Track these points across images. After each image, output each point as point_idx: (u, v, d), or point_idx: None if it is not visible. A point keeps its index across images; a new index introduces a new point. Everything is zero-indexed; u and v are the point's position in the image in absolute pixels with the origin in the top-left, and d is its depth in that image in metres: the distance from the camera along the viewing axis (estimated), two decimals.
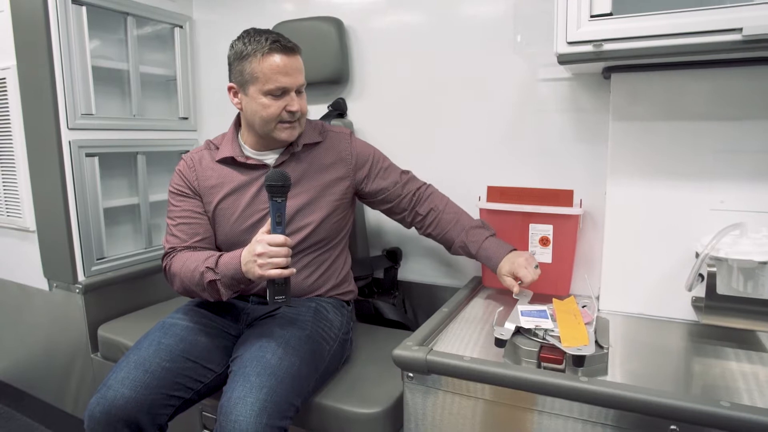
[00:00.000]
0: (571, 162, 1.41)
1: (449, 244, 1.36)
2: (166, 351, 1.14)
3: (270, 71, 1.18)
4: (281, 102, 1.20)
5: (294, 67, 1.20)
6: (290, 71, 1.19)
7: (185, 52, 1.96)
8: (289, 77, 1.19)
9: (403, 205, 1.38)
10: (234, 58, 1.22)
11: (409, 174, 1.42)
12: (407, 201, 1.38)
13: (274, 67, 1.18)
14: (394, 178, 1.38)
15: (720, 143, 1.16)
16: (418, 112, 1.62)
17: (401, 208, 1.38)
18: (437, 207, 1.37)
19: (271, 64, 1.18)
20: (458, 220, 1.35)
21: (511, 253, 1.26)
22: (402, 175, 1.40)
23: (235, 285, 1.16)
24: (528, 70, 1.43)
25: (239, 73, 1.21)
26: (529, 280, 1.20)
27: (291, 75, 1.19)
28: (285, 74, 1.18)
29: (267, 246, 1.06)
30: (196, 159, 1.33)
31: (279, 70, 1.18)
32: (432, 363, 1.00)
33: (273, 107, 1.19)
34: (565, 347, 0.93)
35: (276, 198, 1.07)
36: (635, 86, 1.21)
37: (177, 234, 1.28)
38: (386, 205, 1.39)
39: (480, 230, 1.32)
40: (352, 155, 1.36)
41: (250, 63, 1.18)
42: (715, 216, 1.18)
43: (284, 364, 1.08)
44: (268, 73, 1.18)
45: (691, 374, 0.98)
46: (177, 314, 1.26)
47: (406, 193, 1.37)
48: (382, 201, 1.39)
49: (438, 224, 1.36)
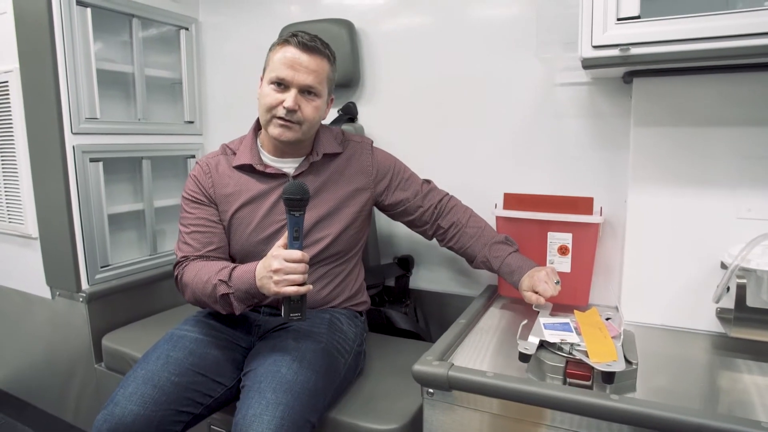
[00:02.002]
0: (590, 169, 1.38)
1: (471, 259, 1.33)
2: (175, 365, 1.10)
3: (277, 60, 1.16)
4: (281, 96, 1.16)
5: (303, 65, 1.16)
6: (296, 66, 1.15)
7: (191, 55, 1.92)
8: (291, 71, 1.15)
9: (425, 218, 1.34)
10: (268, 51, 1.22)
11: (431, 184, 1.38)
12: (429, 214, 1.34)
13: (282, 57, 1.16)
14: (415, 189, 1.35)
15: (747, 149, 1.12)
16: (431, 117, 1.58)
17: (423, 221, 1.35)
18: (460, 221, 1.33)
19: (281, 54, 1.16)
20: (481, 235, 1.31)
21: (532, 269, 1.22)
22: (423, 186, 1.36)
23: (249, 299, 1.13)
24: (545, 74, 1.40)
25: (265, 62, 1.21)
26: (548, 296, 1.16)
27: (295, 70, 1.15)
28: (289, 67, 1.15)
29: (283, 262, 1.02)
30: (213, 165, 1.29)
31: (285, 62, 1.15)
32: (454, 379, 0.96)
33: (270, 97, 1.16)
34: (594, 363, 0.90)
35: (294, 212, 1.03)
36: (658, 91, 1.18)
37: (190, 242, 1.25)
38: (407, 217, 1.36)
39: (503, 246, 1.28)
40: (373, 166, 1.32)
41: (271, 53, 1.19)
42: (742, 225, 1.14)
43: (300, 379, 1.04)
44: (276, 62, 1.16)
45: (723, 391, 0.94)
46: (185, 326, 1.22)
47: (428, 205, 1.34)
48: (402, 213, 1.35)
49: (460, 238, 1.32)
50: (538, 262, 1.33)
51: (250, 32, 1.87)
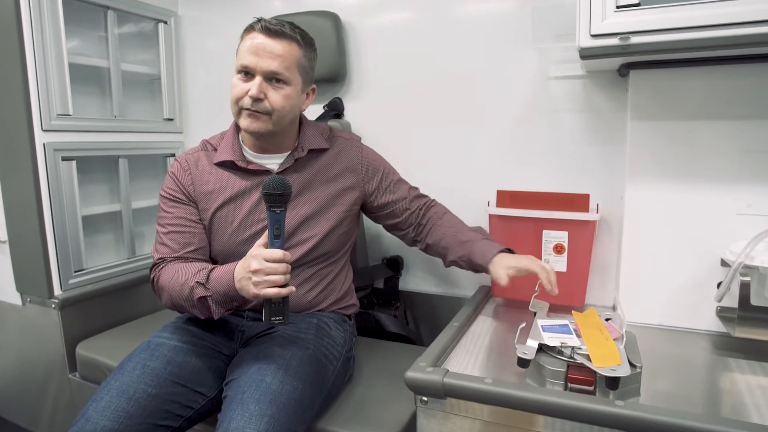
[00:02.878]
0: (585, 164, 1.34)
1: (444, 252, 1.27)
2: (152, 375, 1.03)
3: (243, 48, 1.10)
4: (247, 85, 1.10)
5: (266, 50, 1.08)
6: (260, 52, 1.08)
7: (170, 50, 1.85)
8: (254, 57, 1.08)
9: (411, 221, 1.30)
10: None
11: (417, 190, 1.34)
12: (415, 216, 1.30)
13: (247, 44, 1.10)
14: (403, 192, 1.30)
15: (748, 143, 1.09)
16: (421, 113, 1.53)
17: (408, 224, 1.31)
18: (437, 214, 1.30)
19: (246, 41, 1.10)
20: (456, 228, 1.27)
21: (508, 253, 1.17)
22: (411, 190, 1.32)
23: (228, 302, 1.06)
24: (539, 67, 1.36)
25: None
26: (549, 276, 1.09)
27: (260, 56, 1.08)
28: (254, 53, 1.08)
29: (263, 262, 0.96)
30: (192, 161, 1.22)
31: (249, 48, 1.09)
32: (449, 386, 0.91)
33: (237, 88, 1.11)
34: (597, 368, 0.85)
35: (274, 208, 0.97)
36: (655, 84, 1.15)
37: (167, 243, 1.18)
38: (393, 220, 1.31)
39: (476, 233, 1.24)
40: (363, 164, 1.27)
41: (241, 40, 1.12)
42: (742, 221, 1.11)
43: (286, 388, 0.98)
44: (242, 50, 1.11)
45: (729, 393, 0.90)
46: (164, 333, 1.15)
47: (415, 207, 1.30)
48: (389, 215, 1.30)
49: (435, 231, 1.28)
50: None
51: (232, 26, 1.77)
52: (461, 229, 1.27)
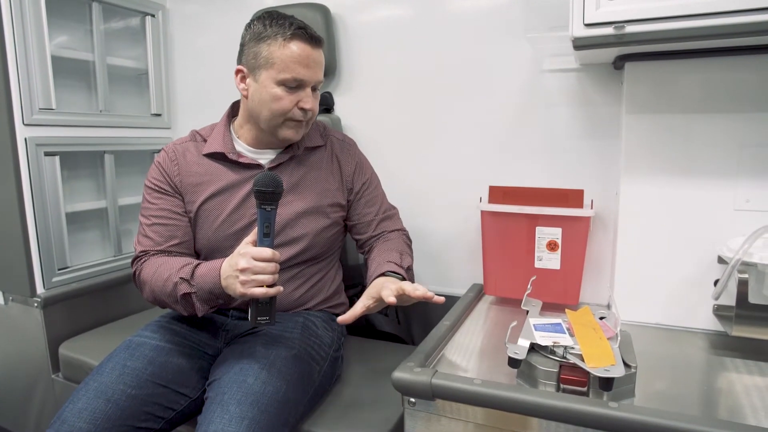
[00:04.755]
0: (579, 159, 1.31)
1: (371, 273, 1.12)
2: (132, 376, 1.00)
3: (290, 59, 1.05)
4: (294, 96, 1.07)
5: (316, 61, 1.08)
6: (311, 64, 1.07)
7: (158, 43, 1.81)
8: (308, 70, 1.06)
9: (367, 243, 1.25)
10: (250, 38, 1.09)
11: (391, 212, 1.29)
12: (374, 240, 1.24)
13: (295, 55, 1.05)
14: (378, 209, 1.26)
15: (746, 137, 1.06)
16: (412, 107, 1.50)
17: (363, 240, 1.26)
18: (387, 236, 1.24)
19: (293, 51, 1.05)
20: (391, 245, 1.18)
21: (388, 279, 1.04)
22: (386, 211, 1.27)
23: (212, 300, 1.03)
24: (532, 61, 1.32)
25: (253, 55, 1.08)
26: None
27: (311, 68, 1.07)
28: (305, 66, 1.06)
29: (251, 261, 0.93)
30: (180, 151, 1.19)
31: (299, 60, 1.05)
32: (437, 387, 0.88)
33: (285, 100, 1.07)
34: (590, 368, 0.82)
35: (265, 206, 0.94)
36: (651, 76, 1.11)
37: (151, 235, 1.14)
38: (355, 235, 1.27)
39: (394, 253, 1.13)
40: (352, 166, 1.25)
41: (269, 46, 1.05)
42: (740, 217, 1.09)
43: (269, 389, 0.95)
44: (287, 61, 1.05)
45: (726, 394, 0.87)
46: (145, 332, 1.12)
47: (376, 233, 1.24)
48: (353, 227, 1.26)
49: (375, 246, 1.21)
50: (525, 258, 1.26)
51: (221, 20, 1.77)
52: (392, 250, 1.16)
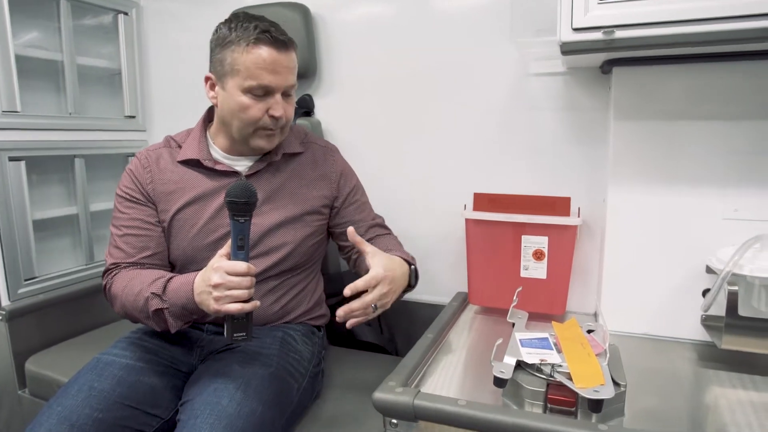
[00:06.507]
0: (566, 166, 1.28)
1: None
2: (99, 398, 0.94)
3: (254, 65, 1.00)
4: (263, 104, 1.02)
5: (284, 65, 1.02)
6: (278, 69, 1.01)
7: (131, 42, 1.74)
8: (275, 76, 1.01)
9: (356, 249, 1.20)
10: (216, 44, 1.04)
11: (379, 220, 1.26)
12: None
13: (260, 61, 1.00)
14: (364, 216, 1.22)
15: (735, 145, 1.04)
16: (395, 111, 1.45)
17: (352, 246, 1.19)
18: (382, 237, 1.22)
19: (257, 57, 1.00)
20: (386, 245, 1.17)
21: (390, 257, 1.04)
22: (374, 218, 1.25)
23: (186, 315, 0.98)
24: (518, 64, 1.29)
25: (219, 62, 1.03)
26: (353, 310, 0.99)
27: (279, 74, 1.02)
28: (272, 71, 1.01)
29: (225, 275, 0.88)
30: (153, 158, 1.13)
31: (264, 66, 1.00)
32: (420, 408, 0.84)
33: (253, 109, 1.02)
34: (579, 389, 0.79)
35: (238, 218, 0.89)
36: (640, 81, 1.09)
37: (122, 247, 1.09)
38: (341, 242, 1.23)
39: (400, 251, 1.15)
40: (336, 173, 1.20)
41: (233, 52, 1.00)
42: (729, 226, 1.06)
43: (244, 411, 0.90)
44: (252, 67, 1.00)
45: (718, 411, 0.85)
46: (115, 349, 1.06)
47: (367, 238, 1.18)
48: (341, 235, 1.20)
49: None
50: (511, 268, 1.23)
51: (198, 18, 1.70)
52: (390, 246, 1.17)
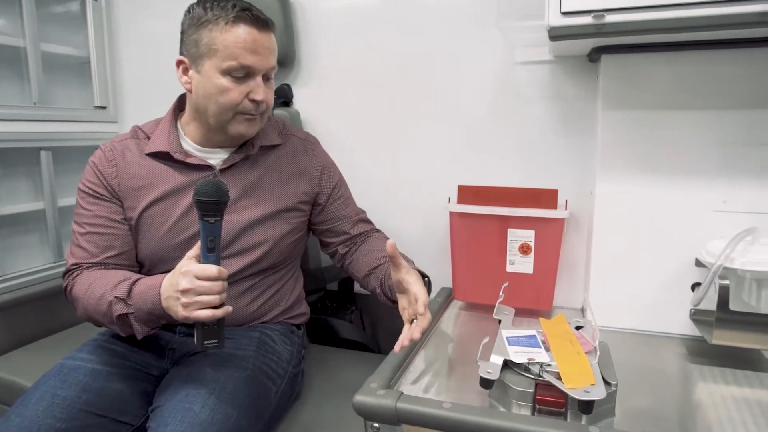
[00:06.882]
0: (553, 157, 1.24)
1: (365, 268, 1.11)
2: (62, 407, 0.88)
3: (234, 45, 0.93)
4: (244, 87, 0.96)
5: (265, 46, 0.96)
6: (259, 49, 0.95)
7: (100, 29, 1.66)
8: (256, 56, 0.95)
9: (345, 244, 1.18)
10: (189, 24, 0.97)
11: (364, 213, 1.23)
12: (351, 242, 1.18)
13: (240, 40, 0.93)
14: (350, 211, 1.19)
15: (726, 135, 1.02)
16: (377, 101, 1.40)
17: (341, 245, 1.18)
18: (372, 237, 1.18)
19: (237, 36, 0.93)
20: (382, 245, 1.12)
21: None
22: (359, 213, 1.21)
23: (153, 321, 0.93)
24: (503, 52, 1.25)
25: (194, 43, 0.96)
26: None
27: (260, 54, 0.96)
28: (252, 51, 0.94)
29: (194, 280, 0.83)
30: (118, 150, 1.06)
31: (245, 46, 0.94)
32: (403, 412, 0.80)
33: (234, 92, 0.96)
34: (569, 390, 0.76)
35: (208, 218, 0.83)
36: (629, 70, 1.06)
37: (85, 246, 1.03)
38: (328, 238, 1.19)
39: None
40: (317, 168, 1.15)
41: (210, 31, 0.94)
42: (718, 218, 1.04)
43: (217, 417, 0.85)
44: (231, 47, 0.93)
45: (709, 408, 0.83)
46: (80, 353, 1.00)
47: (354, 233, 1.18)
48: (326, 231, 1.18)
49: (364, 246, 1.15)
50: (497, 262, 1.19)
51: (172, 4, 1.62)
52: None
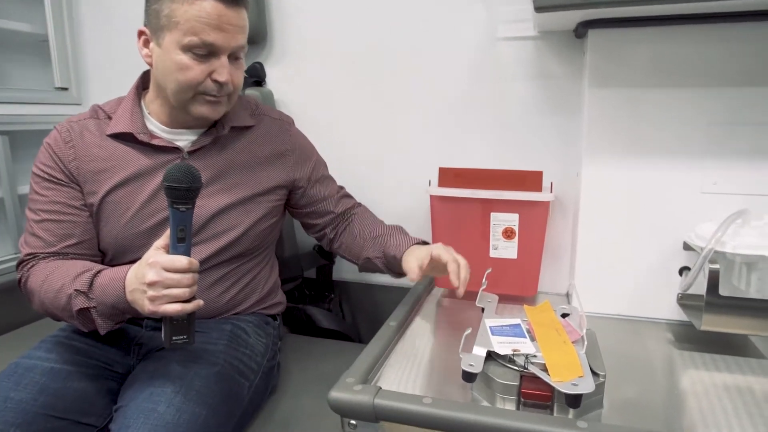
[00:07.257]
0: (538, 138, 1.20)
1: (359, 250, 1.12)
2: (17, 410, 0.81)
3: (196, 18, 0.86)
4: (206, 66, 0.89)
5: (232, 23, 0.89)
6: (225, 26, 0.88)
7: (59, 3, 1.56)
8: (221, 33, 0.88)
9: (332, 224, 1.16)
10: None
11: (344, 189, 1.20)
12: (338, 219, 1.16)
13: (204, 14, 0.86)
14: (331, 190, 1.16)
15: (716, 114, 0.98)
16: (354, 80, 1.34)
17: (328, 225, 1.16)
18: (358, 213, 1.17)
19: (200, 9, 0.86)
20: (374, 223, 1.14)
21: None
22: (339, 190, 1.18)
23: (117, 315, 0.87)
24: (486, 27, 1.19)
25: (155, 13, 0.89)
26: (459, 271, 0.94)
27: (225, 31, 0.88)
28: (216, 27, 0.87)
29: (162, 272, 0.76)
30: (76, 131, 0.98)
31: (209, 21, 0.86)
32: (381, 408, 0.75)
33: (194, 71, 0.89)
34: (556, 384, 0.72)
35: (178, 206, 0.77)
36: (617, 46, 1.01)
37: (40, 234, 0.95)
38: (313, 220, 1.16)
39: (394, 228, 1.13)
40: (293, 151, 1.09)
41: (172, 2, 0.86)
42: (707, 200, 1.01)
43: (184, 418, 0.80)
44: (193, 21, 0.86)
45: (701, 397, 0.80)
46: (38, 351, 0.93)
47: (340, 210, 1.16)
48: (311, 214, 1.15)
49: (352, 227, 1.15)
50: (480, 247, 1.15)
51: None
52: (379, 224, 1.15)
